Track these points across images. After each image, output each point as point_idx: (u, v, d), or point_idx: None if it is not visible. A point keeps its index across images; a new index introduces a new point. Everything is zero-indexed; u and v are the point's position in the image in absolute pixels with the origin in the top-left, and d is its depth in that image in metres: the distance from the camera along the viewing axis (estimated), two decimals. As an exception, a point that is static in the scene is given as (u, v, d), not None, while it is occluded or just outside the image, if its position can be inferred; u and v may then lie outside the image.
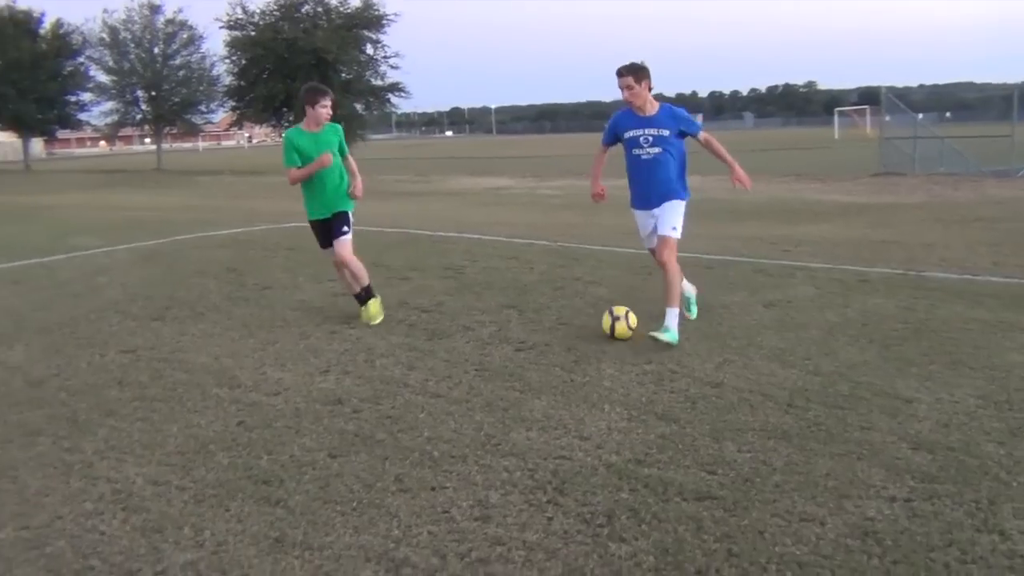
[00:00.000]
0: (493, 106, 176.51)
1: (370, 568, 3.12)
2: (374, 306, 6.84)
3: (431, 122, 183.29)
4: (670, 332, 5.78)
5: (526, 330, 6.51)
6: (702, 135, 6.03)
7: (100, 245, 12.27)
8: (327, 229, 6.70)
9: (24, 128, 51.99)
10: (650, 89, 5.89)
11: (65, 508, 3.70)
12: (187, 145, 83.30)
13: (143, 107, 48.47)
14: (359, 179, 6.75)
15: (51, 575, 3.15)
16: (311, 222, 6.81)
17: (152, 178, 37.24)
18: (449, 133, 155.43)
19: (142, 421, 4.77)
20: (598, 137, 6.57)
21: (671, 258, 5.86)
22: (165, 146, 51.11)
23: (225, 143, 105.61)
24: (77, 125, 55.70)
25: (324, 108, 6.37)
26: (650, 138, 5.90)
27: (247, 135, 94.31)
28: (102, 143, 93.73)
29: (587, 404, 4.79)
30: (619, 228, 12.53)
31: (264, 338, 6.55)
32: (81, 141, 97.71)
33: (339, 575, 3.07)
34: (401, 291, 8.18)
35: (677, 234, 5.91)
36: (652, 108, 5.92)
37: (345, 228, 6.61)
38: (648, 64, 5.90)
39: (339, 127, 6.67)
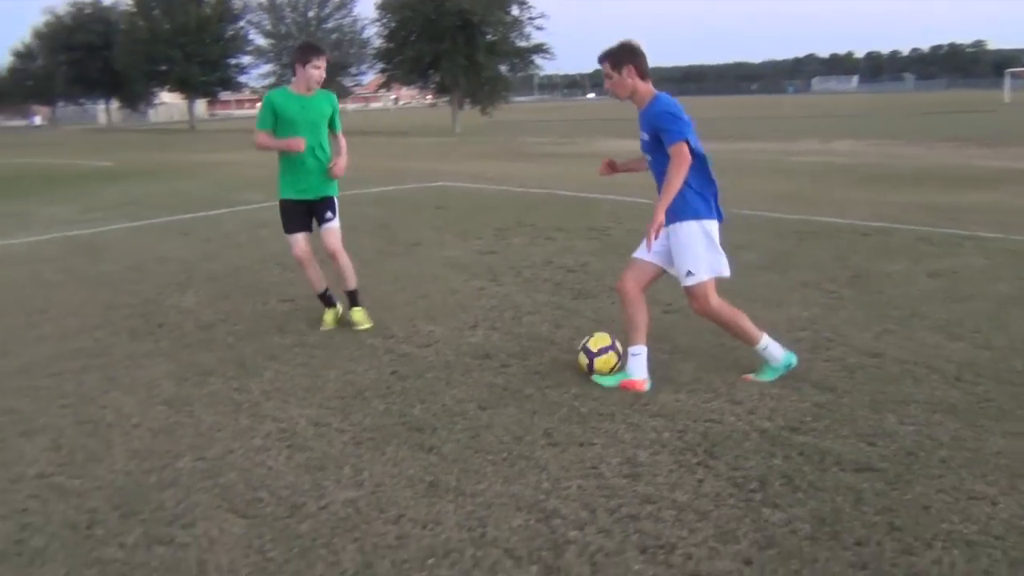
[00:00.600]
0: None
1: (521, 517, 3.18)
2: (359, 313, 5.85)
3: (573, 84, 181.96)
4: (767, 368, 4.56)
5: (673, 293, 6.38)
6: (673, 148, 4.24)
7: (261, 200, 12.88)
8: (303, 213, 5.69)
9: (189, 90, 55.11)
10: (642, 76, 4.42)
11: (236, 443, 3.94)
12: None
13: (298, 69, 50.36)
14: (343, 158, 5.66)
15: (225, 503, 3.36)
16: (283, 201, 5.70)
17: (305, 138, 38.65)
18: (591, 95, 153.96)
19: (303, 366, 5.01)
20: (746, 100, 6.35)
21: (707, 308, 4.53)
22: (317, 107, 52.95)
23: (372, 105, 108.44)
24: (237, 87, 58.64)
25: (316, 69, 5.44)
26: (641, 140, 4.57)
27: (393, 97, 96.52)
28: (259, 105, 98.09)
29: (738, 369, 4.68)
30: (767, 193, 12.17)
31: (414, 292, 6.73)
32: (240, 103, 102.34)
33: (491, 521, 3.15)
34: (546, 250, 8.22)
35: (695, 279, 4.45)
36: (644, 102, 4.46)
37: (330, 214, 5.67)
38: (636, 43, 4.50)
39: (333, 96, 5.72)
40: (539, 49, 41.37)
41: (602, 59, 4.50)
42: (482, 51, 38.68)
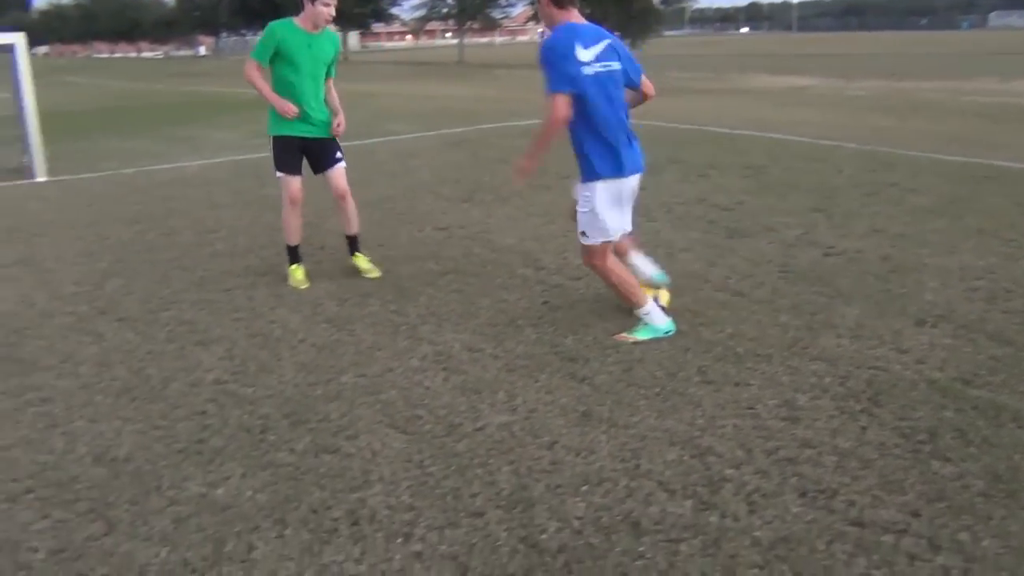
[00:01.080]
0: (795, 0, 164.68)
1: (675, 451, 3.16)
2: (364, 260, 5.56)
3: (726, 18, 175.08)
4: (638, 329, 4.33)
5: (835, 234, 6.15)
6: (547, 99, 4.01)
7: (411, 131, 13.11)
8: (299, 152, 5.29)
9: (343, 21, 56.18)
10: (558, 4, 3.95)
11: (395, 362, 4.07)
12: (483, 40, 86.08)
13: (449, 1, 50.56)
14: (341, 115, 5.36)
15: (386, 418, 3.49)
16: (278, 138, 5.23)
17: (454, 70, 38.99)
18: (745, 30, 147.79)
19: (456, 293, 5.11)
20: (914, 36, 5.88)
21: (595, 263, 4.28)
22: (464, 40, 53.16)
23: (519, 38, 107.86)
24: (389, 19, 59.49)
25: (326, 7, 4.99)
26: None
27: (541, 30, 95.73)
28: (408, 37, 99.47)
29: (905, 316, 4.46)
30: (937, 134, 11.42)
31: (565, 225, 6.69)
32: (390, 35, 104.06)
33: (645, 454, 3.14)
34: (699, 188, 8.02)
35: (588, 240, 4.21)
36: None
37: (339, 154, 5.40)
38: None
39: (337, 37, 5.31)
40: (695, -22, 39.91)
41: None
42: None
